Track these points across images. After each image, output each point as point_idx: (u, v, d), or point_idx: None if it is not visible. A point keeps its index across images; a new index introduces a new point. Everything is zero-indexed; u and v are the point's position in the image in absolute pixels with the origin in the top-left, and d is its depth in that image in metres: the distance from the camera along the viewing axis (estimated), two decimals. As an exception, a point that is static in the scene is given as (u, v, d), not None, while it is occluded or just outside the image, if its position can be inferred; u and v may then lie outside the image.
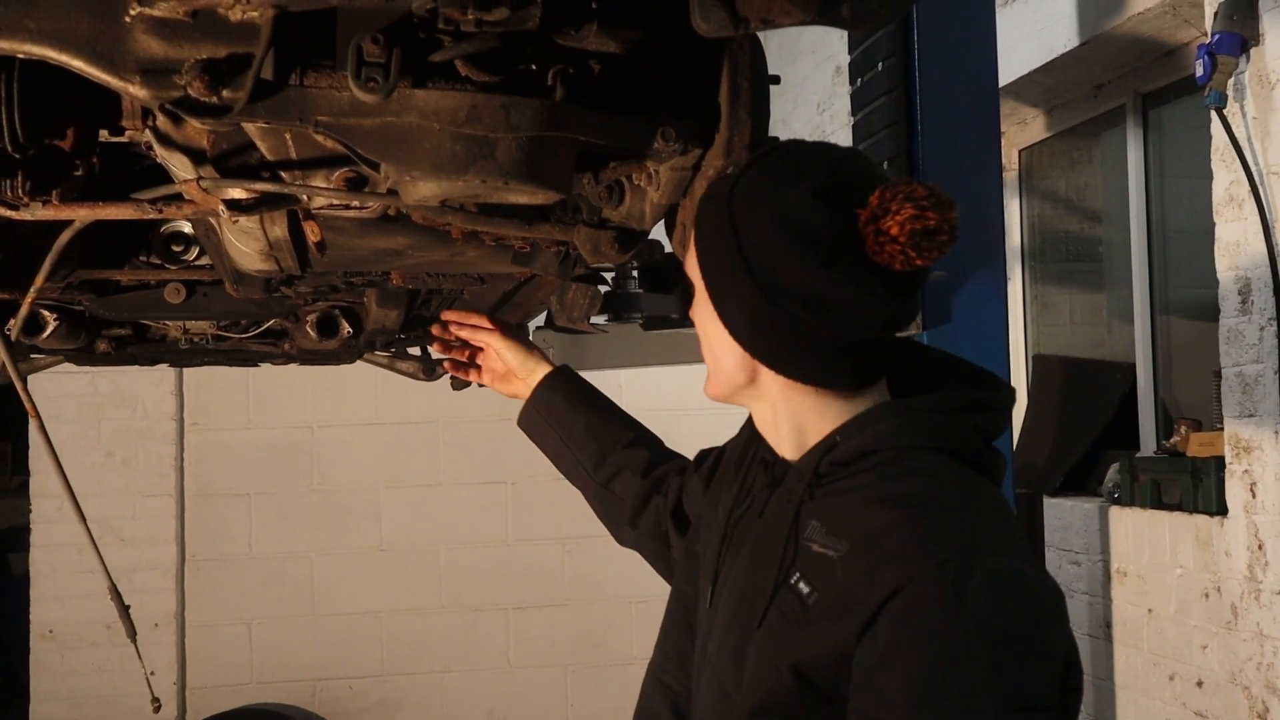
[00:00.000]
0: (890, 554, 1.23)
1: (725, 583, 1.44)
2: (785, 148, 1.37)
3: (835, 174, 1.33)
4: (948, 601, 1.18)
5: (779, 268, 1.31)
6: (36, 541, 5.89)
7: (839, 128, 5.80)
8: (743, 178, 1.35)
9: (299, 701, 6.11)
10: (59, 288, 2.27)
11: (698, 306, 1.43)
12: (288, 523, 6.13)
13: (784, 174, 1.33)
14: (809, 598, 1.28)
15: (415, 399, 5.85)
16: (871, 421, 1.36)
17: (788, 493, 1.39)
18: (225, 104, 1.19)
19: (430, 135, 1.23)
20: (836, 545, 1.28)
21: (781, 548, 1.34)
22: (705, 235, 1.37)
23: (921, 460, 1.33)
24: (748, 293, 1.33)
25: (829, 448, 1.36)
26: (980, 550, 1.22)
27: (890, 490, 1.30)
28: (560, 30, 1.28)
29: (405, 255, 1.85)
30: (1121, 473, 4.25)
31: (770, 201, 1.32)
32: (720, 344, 1.40)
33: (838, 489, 1.34)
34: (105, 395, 5.96)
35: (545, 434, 1.96)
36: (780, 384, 1.39)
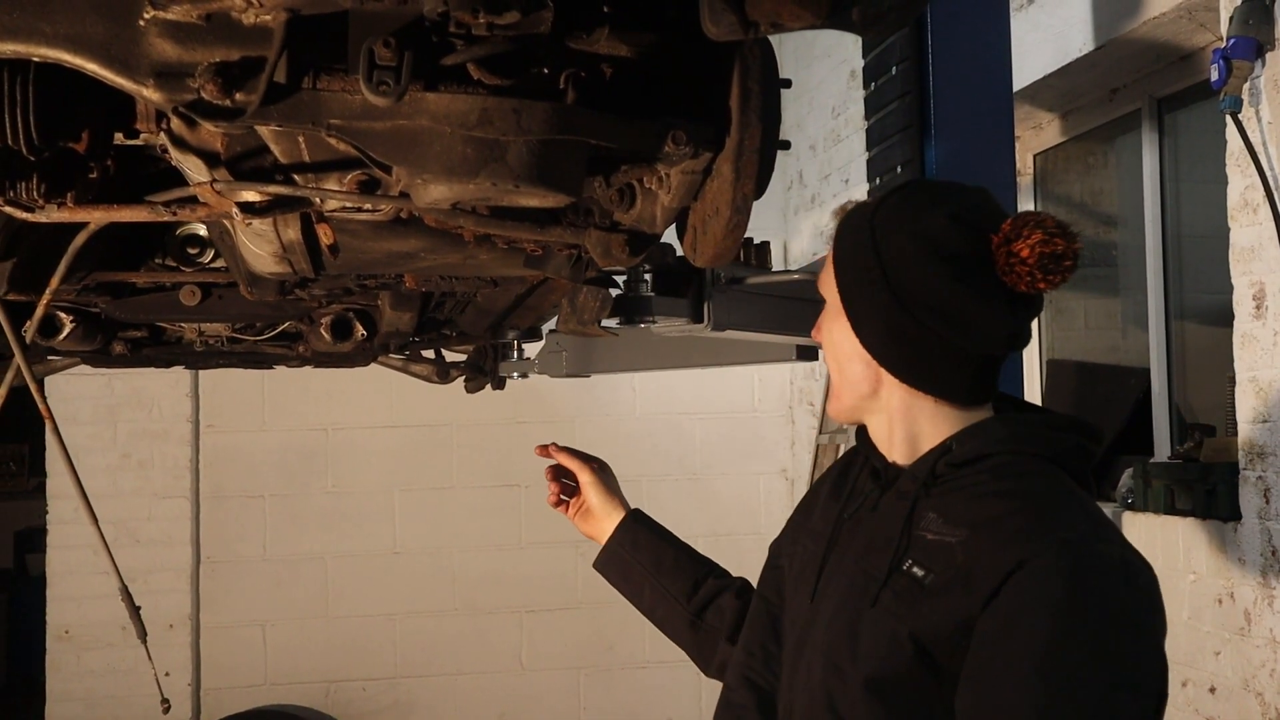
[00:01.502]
0: (1013, 534, 1.33)
1: (831, 578, 1.52)
2: (922, 181, 1.53)
3: (970, 202, 1.46)
4: (1070, 576, 1.28)
5: (915, 279, 1.43)
6: (53, 543, 5.92)
7: (853, 132, 5.79)
8: (884, 203, 1.49)
9: (313, 703, 6.13)
10: (75, 290, 2.28)
11: (828, 322, 1.54)
12: (301, 525, 6.15)
13: (923, 200, 1.47)
14: (925, 579, 1.37)
15: (429, 402, 5.87)
16: (984, 430, 1.47)
17: (901, 491, 1.49)
18: (238, 107, 1.20)
19: (441, 138, 1.24)
20: (955, 532, 1.38)
21: (897, 538, 1.43)
22: (845, 252, 1.50)
23: (1032, 464, 1.44)
24: (884, 302, 1.45)
25: (944, 451, 1.46)
26: (1098, 537, 1.33)
27: (1006, 487, 1.41)
28: (571, 33, 1.28)
29: (418, 258, 1.85)
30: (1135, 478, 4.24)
31: (911, 221, 1.45)
32: (849, 354, 1.52)
33: (953, 486, 1.44)
34: (121, 397, 5.99)
35: (629, 570, 1.96)
36: (902, 393, 1.50)
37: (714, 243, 1.51)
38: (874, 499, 1.53)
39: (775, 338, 2.59)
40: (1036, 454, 1.46)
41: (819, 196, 6.38)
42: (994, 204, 1.49)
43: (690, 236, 1.61)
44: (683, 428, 6.43)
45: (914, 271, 1.43)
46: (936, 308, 1.43)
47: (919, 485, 1.47)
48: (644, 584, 1.94)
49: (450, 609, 6.23)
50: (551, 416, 6.31)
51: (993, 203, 1.49)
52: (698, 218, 1.55)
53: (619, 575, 1.97)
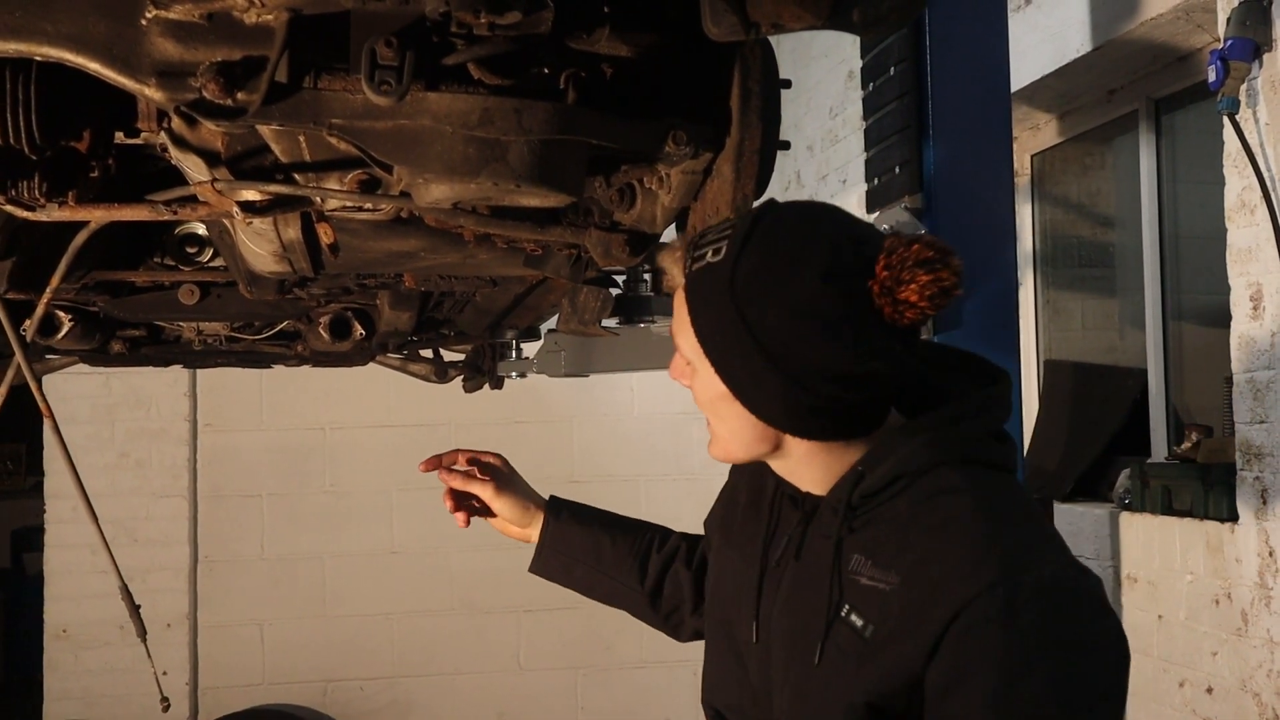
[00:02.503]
0: (941, 581, 1.27)
1: (770, 619, 1.46)
2: (768, 226, 1.34)
3: (833, 249, 1.32)
4: (1003, 620, 1.23)
5: (805, 356, 1.31)
6: (51, 542, 5.92)
7: (851, 132, 5.80)
8: (738, 269, 1.33)
9: (310, 702, 6.13)
10: (74, 289, 2.28)
11: (700, 380, 1.40)
12: (300, 524, 6.15)
13: (782, 260, 1.32)
14: (864, 630, 1.31)
15: (427, 401, 5.87)
16: (891, 448, 1.37)
17: (822, 527, 1.41)
18: (240, 106, 1.20)
19: (443, 138, 1.24)
20: (887, 578, 1.31)
21: (828, 585, 1.36)
22: (709, 328, 1.35)
23: (947, 478, 1.35)
24: (775, 382, 1.33)
25: (856, 480, 1.37)
26: (1023, 564, 1.26)
27: (927, 517, 1.33)
28: (572, 34, 1.29)
29: (418, 257, 1.86)
30: (1132, 478, 4.24)
31: (778, 292, 1.31)
32: (739, 421, 1.39)
33: (873, 518, 1.37)
34: (119, 396, 5.99)
35: (571, 568, 1.88)
36: (808, 445, 1.40)
37: (714, 243, 1.51)
38: (798, 538, 1.45)
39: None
40: (949, 462, 1.37)
41: (817, 197, 6.38)
42: (858, 235, 1.35)
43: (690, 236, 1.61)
44: (681, 427, 6.43)
45: (801, 348, 1.31)
46: (835, 377, 1.32)
47: (840, 522, 1.38)
48: (590, 578, 1.88)
49: (448, 608, 6.23)
50: (549, 416, 6.32)
51: (856, 234, 1.35)
52: (698, 217, 1.56)
53: (561, 575, 1.90)
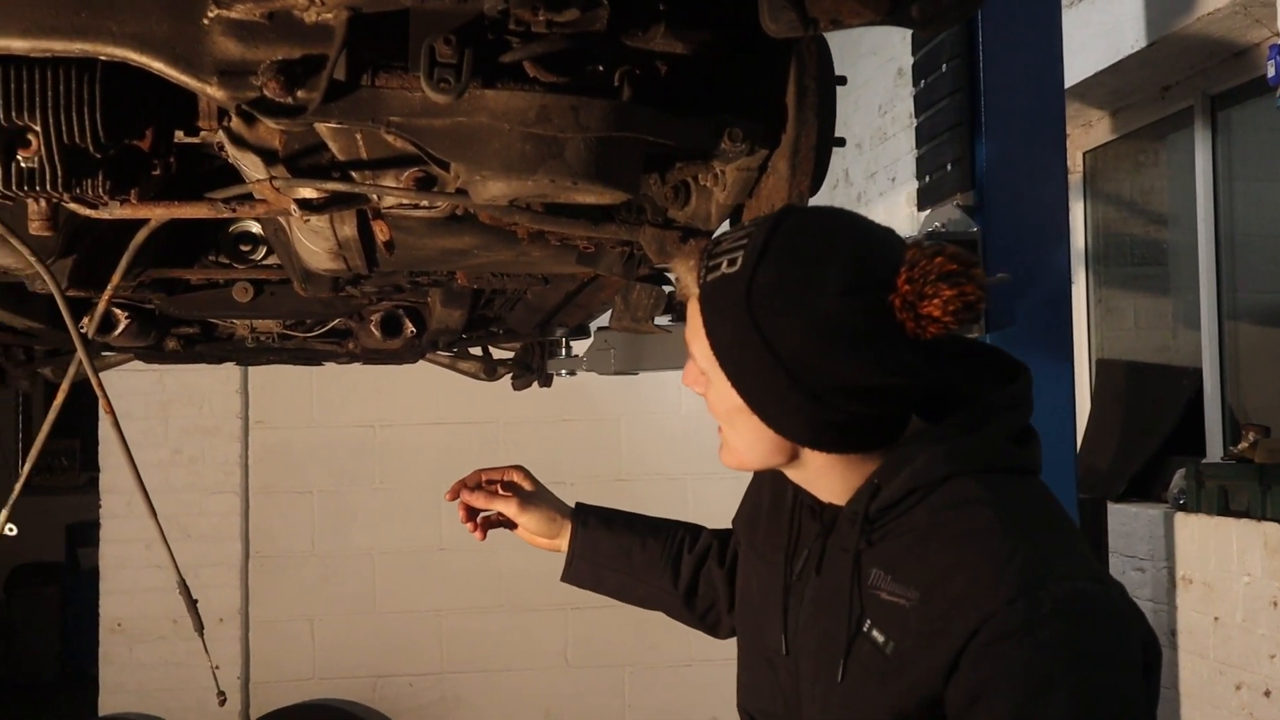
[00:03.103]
0: (959, 597, 1.24)
1: (796, 631, 1.44)
2: (785, 236, 1.31)
3: (854, 261, 1.29)
4: (1023, 637, 1.20)
5: (825, 372, 1.28)
6: (105, 537, 6.00)
7: (900, 130, 5.76)
8: (755, 282, 1.29)
9: (359, 698, 6.17)
10: (131, 286, 2.31)
11: (718, 396, 1.37)
12: (349, 521, 6.20)
13: (801, 274, 1.29)
14: (885, 646, 1.29)
15: (476, 399, 5.89)
16: (908, 459, 1.33)
17: (840, 540, 1.39)
18: (300, 104, 1.21)
19: (500, 135, 1.24)
20: (907, 593, 1.29)
21: (848, 602, 1.34)
22: (725, 341, 1.32)
23: (966, 488, 1.32)
24: (793, 397, 1.30)
25: (873, 492, 1.34)
26: (1043, 577, 1.23)
27: (946, 530, 1.30)
28: (628, 31, 1.29)
29: (471, 255, 1.86)
30: (1188, 479, 4.19)
31: (797, 307, 1.28)
32: (754, 433, 1.37)
33: (891, 531, 1.34)
34: (173, 393, 6.05)
35: (602, 576, 1.87)
36: (826, 457, 1.37)
37: (769, 240, 1.51)
38: (817, 552, 1.43)
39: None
40: (967, 471, 1.33)
41: (865, 195, 6.35)
42: (877, 242, 1.32)
43: (744, 234, 1.60)
44: (728, 426, 6.41)
45: (820, 364, 1.27)
46: (855, 392, 1.29)
47: (857, 537, 1.35)
48: (622, 583, 1.86)
49: (496, 606, 6.25)
50: (597, 414, 6.33)
51: (876, 241, 1.33)
52: (753, 214, 1.55)
53: (592, 583, 1.88)
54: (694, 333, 1.37)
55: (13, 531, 1.65)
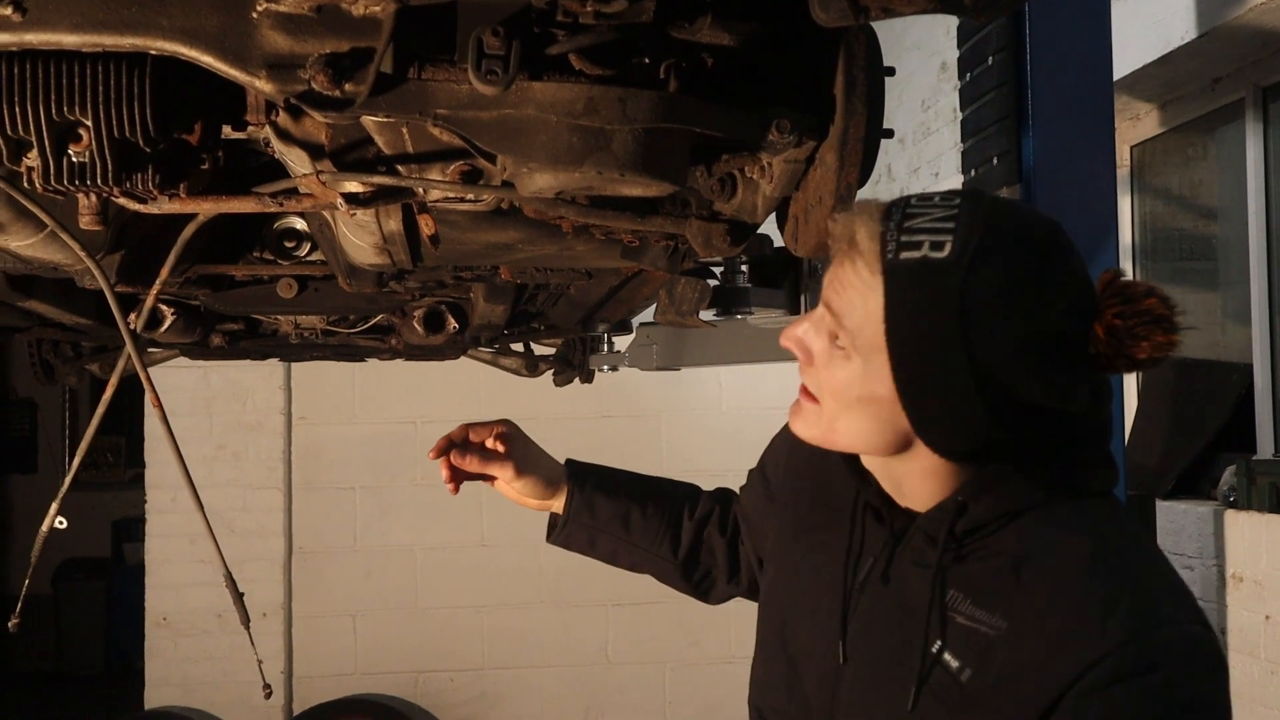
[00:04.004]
0: (1062, 635, 1.18)
1: (857, 640, 1.36)
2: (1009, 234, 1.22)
3: (1075, 279, 1.23)
4: (1133, 681, 1.15)
5: (1021, 388, 1.20)
6: (151, 531, 6.05)
7: (943, 124, 5.72)
8: (974, 276, 1.19)
9: (401, 693, 6.19)
10: (177, 283, 2.32)
11: (851, 376, 1.27)
12: (391, 517, 6.22)
13: (1029, 281, 1.20)
14: (960, 674, 1.22)
15: (517, 395, 5.90)
16: (1000, 479, 1.26)
17: (915, 553, 1.31)
18: (347, 97, 1.21)
19: (547, 127, 1.24)
20: (991, 621, 1.22)
21: (924, 623, 1.26)
22: (911, 328, 1.21)
23: (1061, 515, 1.26)
24: (968, 408, 1.21)
25: (957, 510, 1.27)
26: (1155, 621, 1.18)
27: (1041, 559, 1.23)
28: (674, 22, 1.28)
29: (515, 249, 1.86)
30: (1238, 475, 4.14)
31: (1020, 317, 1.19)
32: (876, 424, 1.27)
33: (975, 552, 1.27)
34: (217, 389, 6.10)
35: (596, 538, 1.80)
36: (935, 462, 1.29)
37: (816, 232, 1.50)
38: (884, 560, 1.35)
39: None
40: (1061, 496, 1.28)
41: (908, 190, 6.31)
42: (1084, 267, 1.26)
43: (791, 226, 1.59)
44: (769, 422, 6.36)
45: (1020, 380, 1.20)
46: (1034, 413, 1.22)
47: (940, 553, 1.27)
48: (616, 547, 1.79)
49: (537, 602, 6.26)
50: (638, 411, 6.32)
51: (1083, 265, 1.26)
52: (799, 207, 1.54)
53: (584, 544, 1.81)
54: (850, 302, 1.25)
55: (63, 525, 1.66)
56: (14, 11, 1.16)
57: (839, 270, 1.27)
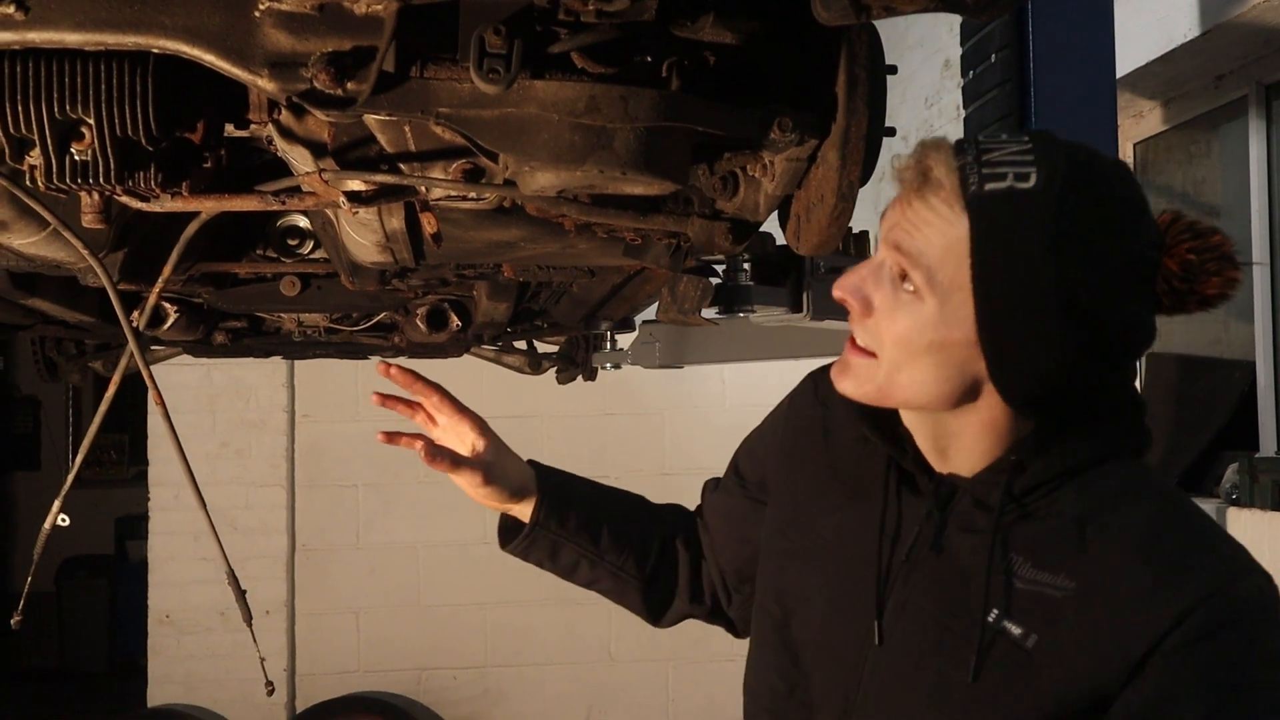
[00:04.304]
0: (1138, 595, 1.15)
1: (896, 619, 1.29)
2: (1090, 167, 1.20)
3: (1149, 211, 1.21)
4: (1221, 636, 1.13)
5: (1111, 323, 1.18)
6: (154, 529, 6.06)
7: (947, 122, 5.71)
8: (1067, 203, 1.16)
9: (404, 690, 6.20)
10: (180, 280, 2.33)
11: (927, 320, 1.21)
12: (394, 514, 6.22)
13: (1121, 210, 1.19)
14: (1025, 640, 1.18)
15: (520, 393, 5.91)
16: (1053, 436, 1.23)
17: (964, 518, 1.27)
18: (350, 96, 1.21)
19: (549, 126, 1.24)
20: (1056, 582, 1.18)
21: (982, 591, 1.21)
22: (999, 262, 1.17)
23: (1121, 472, 1.24)
24: (1055, 347, 1.17)
25: (1013, 470, 1.23)
26: (1233, 574, 1.16)
27: (1106, 517, 1.20)
28: (676, 21, 1.28)
29: (518, 247, 1.86)
30: (1241, 473, 4.14)
31: (1113, 244, 1.17)
32: (944, 371, 1.22)
33: (1033, 513, 1.23)
34: (220, 387, 6.10)
35: (559, 550, 1.69)
36: (1000, 413, 1.25)
37: (818, 231, 1.50)
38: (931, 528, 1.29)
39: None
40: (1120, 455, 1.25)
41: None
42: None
43: (793, 224, 1.59)
44: (772, 420, 6.40)
45: (1113, 317, 1.17)
46: (1118, 350, 1.19)
47: (995, 516, 1.22)
48: (579, 560, 1.68)
49: (540, 599, 6.26)
50: (641, 408, 6.32)
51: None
52: (801, 205, 1.54)
53: (545, 555, 1.69)
54: (927, 239, 1.20)
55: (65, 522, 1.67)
56: (16, 10, 1.17)
57: (909, 209, 1.23)
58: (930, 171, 1.22)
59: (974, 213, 1.18)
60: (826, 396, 1.47)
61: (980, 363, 1.21)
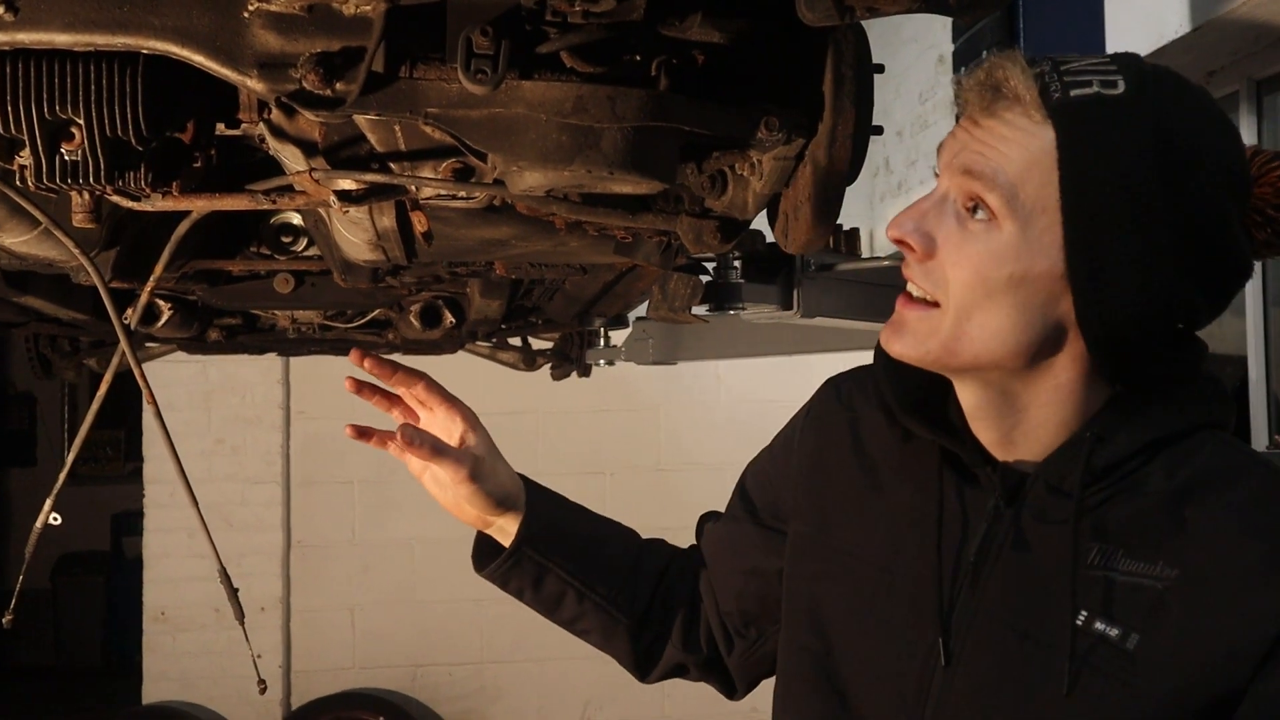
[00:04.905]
0: (1253, 573, 1.02)
1: (966, 634, 1.13)
2: (1177, 77, 1.10)
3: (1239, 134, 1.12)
4: None
5: (1219, 241, 1.06)
6: (149, 526, 6.06)
7: (940, 117, 5.72)
8: (1167, 110, 1.05)
9: (400, 687, 6.20)
10: (174, 278, 2.33)
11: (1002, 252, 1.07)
12: (389, 511, 6.23)
13: (1220, 119, 1.08)
14: (1126, 641, 1.04)
15: (515, 389, 5.91)
16: (1134, 407, 1.10)
17: (1037, 511, 1.12)
18: (338, 96, 1.21)
19: (537, 126, 1.24)
20: (1154, 571, 1.04)
21: (1070, 586, 1.06)
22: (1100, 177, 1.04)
23: (1214, 443, 1.10)
24: (1161, 270, 1.04)
25: (1092, 445, 1.08)
26: None
27: (1207, 491, 1.07)
28: (664, 21, 1.29)
29: (509, 245, 1.87)
30: (1232, 469, 4.16)
31: (1223, 154, 1.06)
32: (1024, 316, 1.08)
33: (1116, 495, 1.09)
34: (215, 383, 6.11)
35: (545, 579, 1.48)
36: (1081, 370, 1.11)
37: (806, 229, 1.50)
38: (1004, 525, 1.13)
39: (864, 325, 2.58)
40: (1198, 427, 1.10)
41: (905, 183, 6.32)
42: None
43: (782, 223, 1.60)
44: (769, 415, 6.38)
45: (1221, 234, 1.05)
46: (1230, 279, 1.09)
47: (1077, 500, 1.07)
48: (565, 592, 1.48)
49: (535, 595, 6.27)
50: (636, 404, 6.33)
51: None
52: (789, 204, 1.55)
53: (528, 582, 1.49)
54: (1005, 155, 1.07)
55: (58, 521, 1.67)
56: (6, 11, 1.17)
57: (976, 130, 1.10)
58: (1003, 84, 1.08)
59: (1060, 120, 1.05)
60: (851, 399, 1.34)
61: (1066, 301, 1.07)
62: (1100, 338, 1.08)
